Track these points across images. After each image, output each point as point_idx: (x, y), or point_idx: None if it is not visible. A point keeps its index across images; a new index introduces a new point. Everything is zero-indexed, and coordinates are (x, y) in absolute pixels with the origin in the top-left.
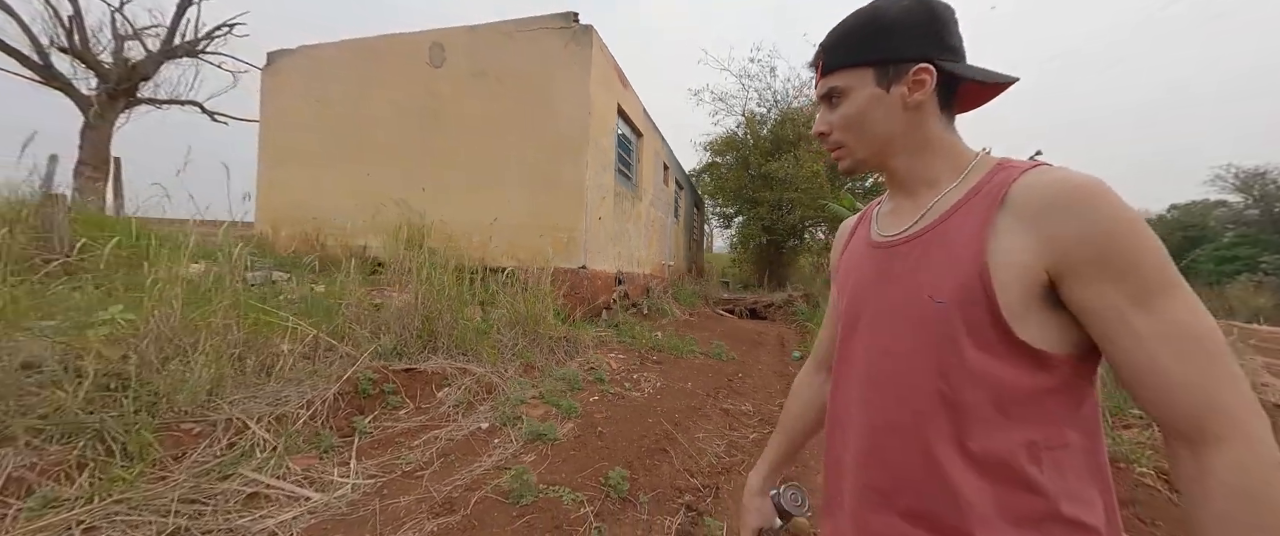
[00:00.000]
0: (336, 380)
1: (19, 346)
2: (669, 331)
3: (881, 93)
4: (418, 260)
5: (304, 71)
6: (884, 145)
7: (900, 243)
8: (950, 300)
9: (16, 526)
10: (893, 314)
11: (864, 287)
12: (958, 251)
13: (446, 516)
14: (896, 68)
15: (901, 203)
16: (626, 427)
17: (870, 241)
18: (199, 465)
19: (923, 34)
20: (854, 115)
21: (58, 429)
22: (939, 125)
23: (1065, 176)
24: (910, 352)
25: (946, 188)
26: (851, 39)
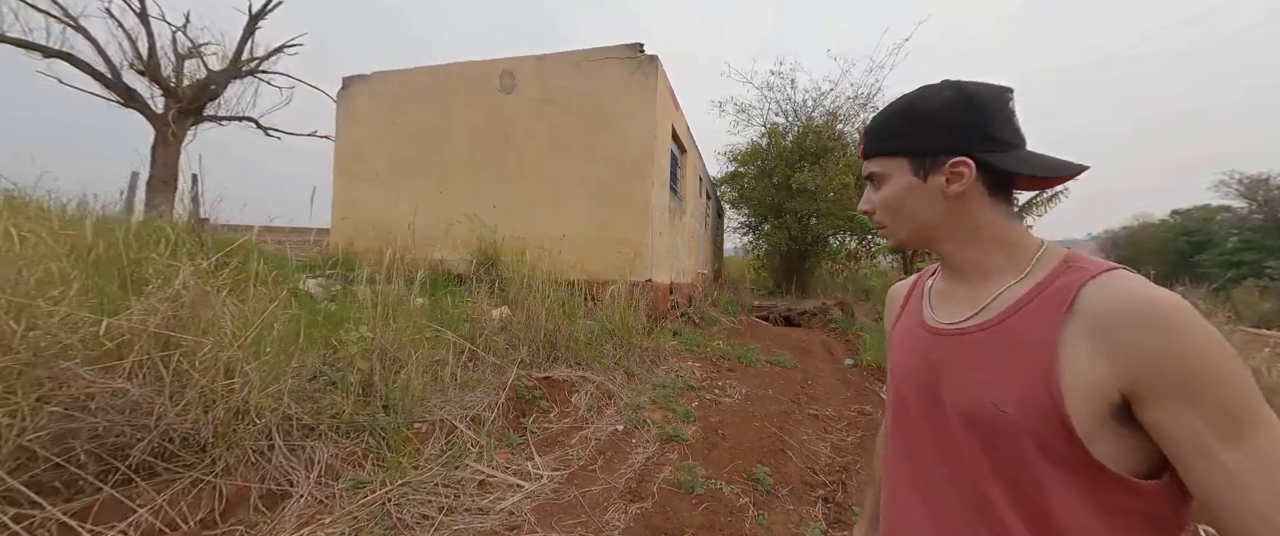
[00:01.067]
0: (500, 387)
1: (303, 360)
2: (723, 339)
3: (918, 182)
4: (526, 274)
5: (377, 95)
6: (925, 231)
7: (955, 334)
8: (1017, 411)
9: (342, 502)
10: (951, 411)
11: (917, 373)
12: (1024, 358)
13: (640, 502)
14: (933, 159)
15: (956, 287)
16: (740, 430)
17: (923, 322)
18: (435, 458)
19: (961, 126)
20: (893, 200)
21: (343, 427)
22: (991, 213)
23: (1143, 292)
24: (973, 457)
25: (1007, 280)
26: (890, 127)
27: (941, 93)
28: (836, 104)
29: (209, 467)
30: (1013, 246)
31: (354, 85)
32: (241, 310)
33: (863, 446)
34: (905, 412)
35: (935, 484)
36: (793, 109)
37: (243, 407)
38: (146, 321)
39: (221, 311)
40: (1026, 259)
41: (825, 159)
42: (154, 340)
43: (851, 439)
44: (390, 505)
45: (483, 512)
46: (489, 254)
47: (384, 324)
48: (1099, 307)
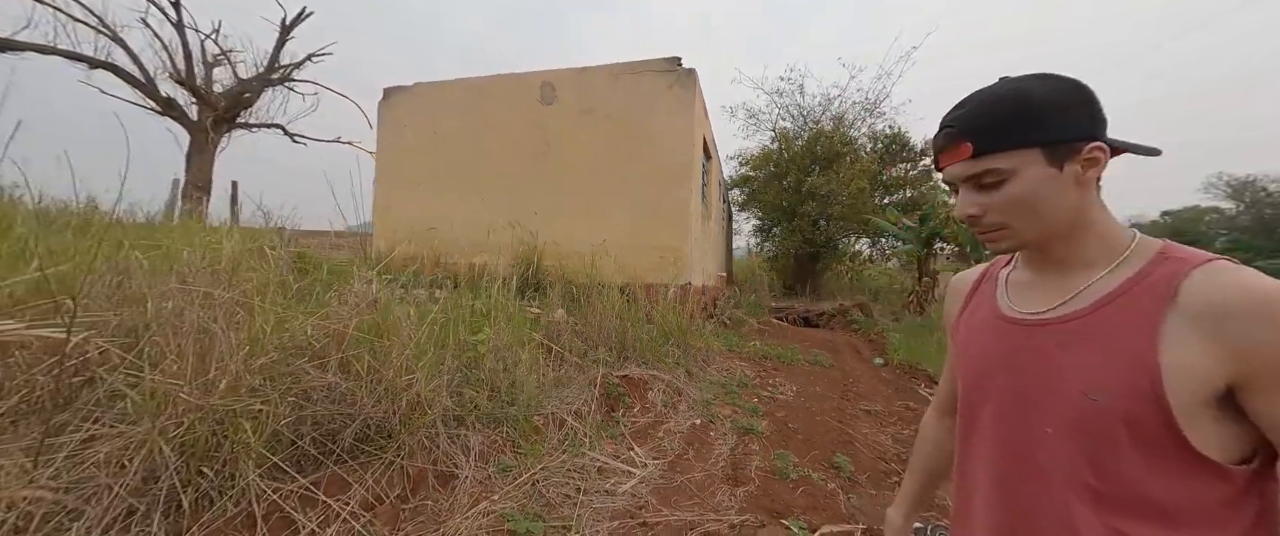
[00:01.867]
0: (590, 384)
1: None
2: (757, 339)
3: (1054, 172)
4: (592, 279)
5: (418, 105)
6: (1056, 225)
7: (1041, 324)
8: (1110, 399)
9: (498, 483)
10: (1033, 401)
11: (993, 364)
12: (1121, 347)
13: (742, 486)
14: (1068, 146)
15: (1041, 277)
16: (807, 424)
17: (1000, 313)
18: (556, 447)
19: (1088, 112)
20: (1024, 197)
21: (484, 418)
22: (1097, 201)
23: (1249, 282)
24: (1057, 445)
25: (1098, 271)
26: (1012, 119)
27: (1046, 81)
28: (842, 109)
29: (396, 452)
30: (1110, 236)
31: (395, 95)
32: (406, 313)
33: None
34: (978, 402)
35: (1017, 472)
36: (801, 114)
37: (417, 400)
38: (345, 324)
39: (400, 315)
40: (1119, 249)
41: (837, 163)
42: (351, 341)
43: (908, 432)
44: (539, 486)
45: (609, 494)
46: (531, 259)
47: (495, 326)
48: (1207, 299)
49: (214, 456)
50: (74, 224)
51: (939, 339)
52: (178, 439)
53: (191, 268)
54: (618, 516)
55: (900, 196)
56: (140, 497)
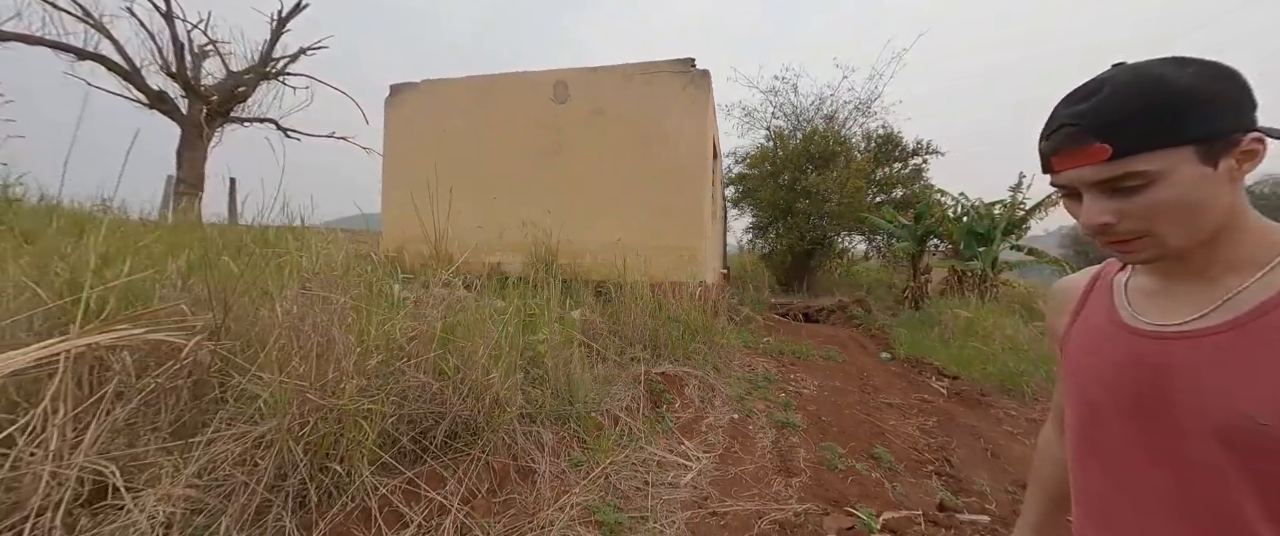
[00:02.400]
0: (635, 381)
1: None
2: (766, 335)
3: (1208, 171)
4: (623, 278)
5: (426, 103)
6: (1206, 228)
7: (1182, 337)
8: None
9: (574, 477)
10: (1174, 429)
11: (1123, 379)
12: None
13: (794, 477)
14: (1223, 141)
15: (1175, 284)
16: (837, 417)
17: (1123, 323)
18: (616, 442)
19: (1240, 102)
20: (1177, 200)
21: (551, 416)
22: (1244, 199)
23: None
24: (1218, 475)
25: (1249, 275)
26: (1159, 113)
27: (1185, 66)
28: (834, 108)
29: (481, 448)
30: (1262, 234)
31: (402, 92)
32: (480, 314)
33: (943, 428)
34: (1102, 423)
35: (1158, 504)
36: (795, 114)
37: (496, 399)
38: (433, 325)
39: (479, 316)
40: (1273, 250)
41: (832, 162)
42: (438, 341)
43: (931, 423)
44: (611, 479)
45: (673, 486)
46: (546, 258)
47: (545, 327)
48: None
49: (333, 454)
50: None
51: (940, 333)
52: (304, 437)
53: (308, 272)
54: (687, 507)
55: (892, 196)
56: (274, 493)
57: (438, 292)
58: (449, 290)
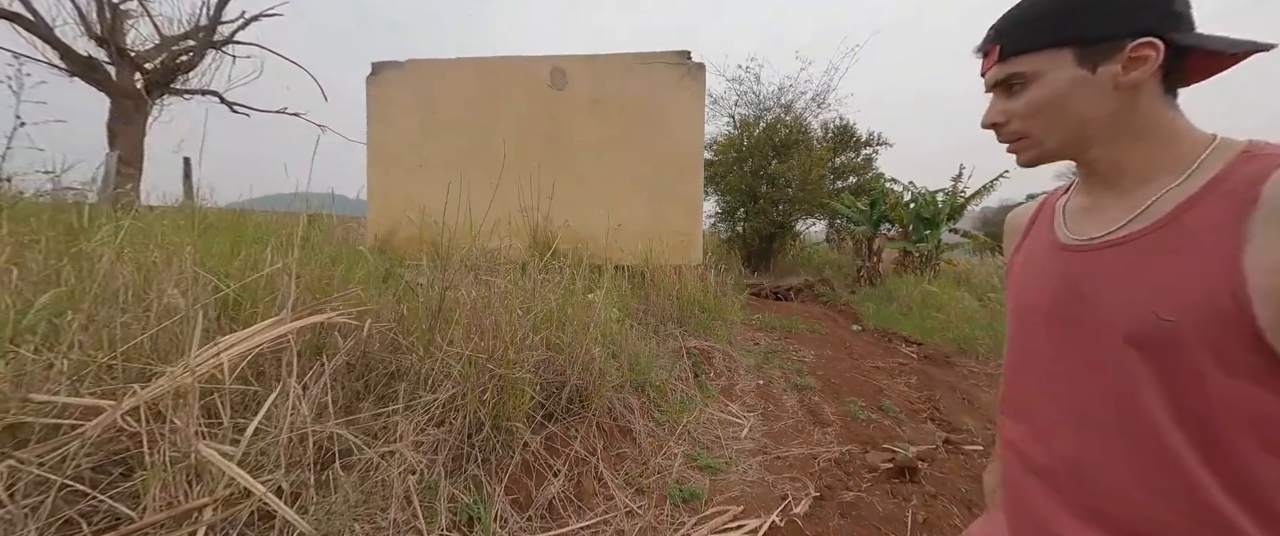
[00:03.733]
0: (676, 354)
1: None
2: (756, 313)
3: (1084, 74)
4: (649, 263)
5: (413, 83)
6: (1083, 134)
7: (1105, 247)
8: (1187, 318)
9: (662, 433)
10: (1106, 328)
11: (1051, 298)
12: (1197, 260)
13: (828, 427)
14: (1108, 44)
15: (1102, 199)
16: (843, 379)
17: (1057, 243)
18: (679, 405)
19: (1134, 6)
20: (1046, 100)
21: (629, 383)
22: (1160, 106)
23: None
24: (1132, 376)
25: (1170, 182)
26: (1044, 15)
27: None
28: (793, 98)
29: (593, 412)
30: (1181, 142)
31: (385, 72)
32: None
33: (924, 384)
34: (1033, 342)
35: (1083, 415)
36: (758, 102)
37: (600, 370)
38: (551, 307)
39: (590, 299)
40: (1192, 156)
41: (794, 151)
42: (556, 320)
43: (914, 380)
44: (693, 433)
45: (736, 438)
46: (546, 243)
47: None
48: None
49: (501, 415)
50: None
51: (898, 307)
52: (488, 402)
53: (467, 260)
54: (754, 453)
55: (847, 182)
56: (467, 446)
57: (536, 276)
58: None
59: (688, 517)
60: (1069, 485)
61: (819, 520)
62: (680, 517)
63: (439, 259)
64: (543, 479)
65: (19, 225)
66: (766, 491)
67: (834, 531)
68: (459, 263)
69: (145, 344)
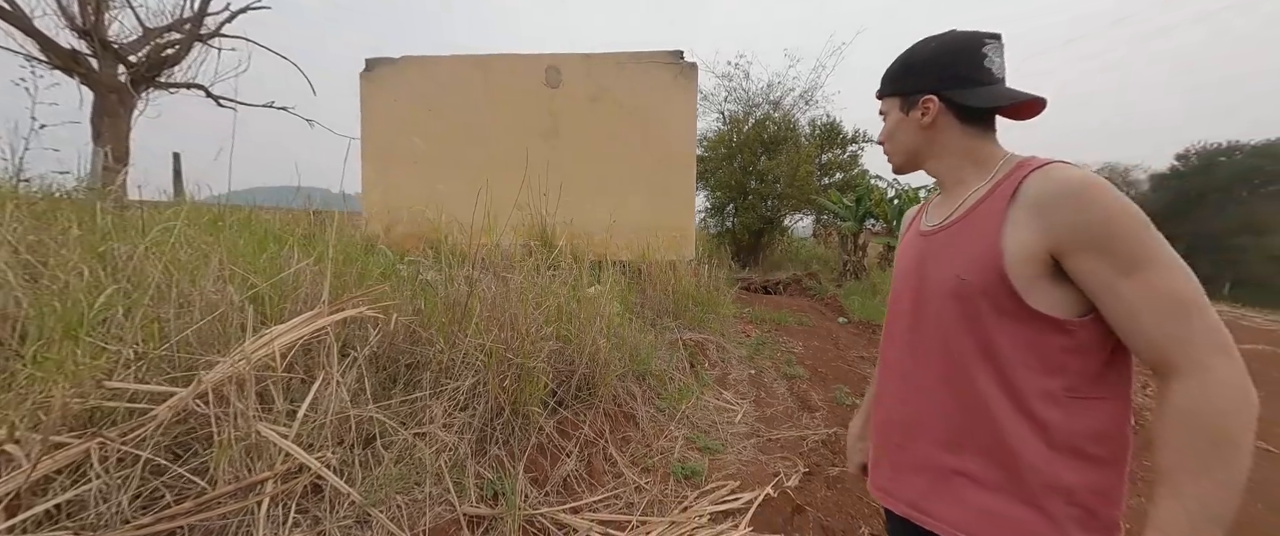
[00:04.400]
0: (673, 346)
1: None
2: (746, 306)
3: (902, 116)
4: (645, 258)
5: (408, 79)
6: (909, 154)
7: (938, 232)
8: (974, 279)
9: (664, 418)
10: (933, 289)
11: (911, 270)
12: (979, 239)
13: (817, 412)
14: (913, 98)
15: (943, 198)
16: (830, 368)
17: (920, 230)
18: (678, 393)
19: (934, 70)
20: (890, 130)
21: (631, 373)
22: (961, 136)
23: (1066, 174)
24: (950, 320)
25: (975, 186)
26: (891, 73)
27: (926, 44)
28: (780, 95)
29: (599, 399)
30: (982, 160)
31: (379, 68)
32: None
33: None
34: (900, 303)
35: (916, 348)
36: (747, 99)
37: (605, 361)
38: (561, 301)
39: (591, 293)
40: (993, 166)
41: (783, 147)
42: (565, 314)
43: None
44: (692, 418)
45: (731, 423)
46: (544, 239)
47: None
48: (1036, 192)
49: (520, 401)
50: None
51: (882, 300)
52: (508, 388)
53: (484, 258)
54: (748, 436)
55: (834, 179)
56: (489, 428)
57: (547, 273)
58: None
59: (690, 492)
60: (904, 390)
61: (809, 492)
62: (683, 492)
63: (443, 256)
64: (557, 459)
65: (47, 221)
66: (760, 469)
67: (821, 501)
68: (477, 260)
69: (191, 338)
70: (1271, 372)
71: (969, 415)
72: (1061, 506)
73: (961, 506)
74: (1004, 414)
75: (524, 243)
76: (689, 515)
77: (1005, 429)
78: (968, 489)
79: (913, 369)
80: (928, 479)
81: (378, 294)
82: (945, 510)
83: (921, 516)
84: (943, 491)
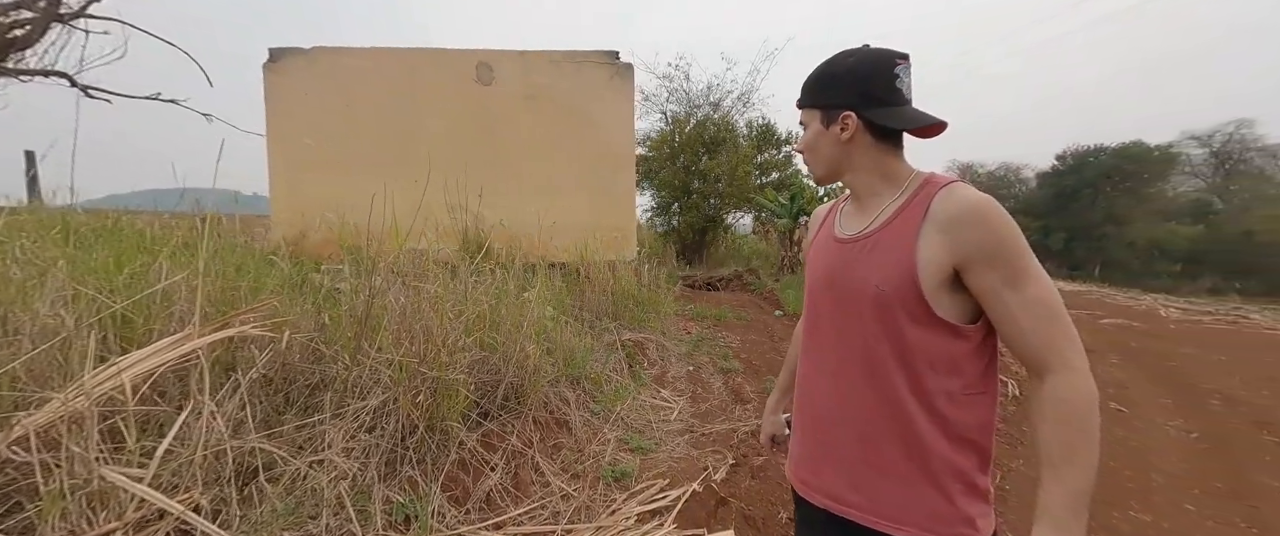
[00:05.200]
0: (613, 346)
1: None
2: (689, 303)
3: (823, 129)
4: (584, 260)
5: (322, 73)
6: (830, 167)
7: (854, 242)
8: (891, 289)
9: (598, 422)
10: (853, 296)
11: (827, 275)
12: (895, 252)
13: (749, 403)
14: (833, 112)
15: (857, 208)
16: (764, 360)
17: (834, 236)
18: (615, 394)
19: (853, 87)
20: (810, 142)
21: (564, 378)
22: (875, 152)
23: (968, 195)
24: (868, 325)
25: (888, 199)
26: (811, 86)
27: (845, 59)
28: (719, 97)
29: (529, 407)
30: (893, 175)
31: (287, 59)
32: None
33: None
34: (816, 306)
35: (839, 351)
36: (688, 100)
37: (535, 368)
38: (485, 307)
39: (528, 297)
40: (903, 183)
41: (722, 148)
42: (489, 322)
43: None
44: (626, 419)
45: (666, 421)
46: (479, 243)
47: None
48: (944, 210)
49: (437, 416)
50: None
51: None
52: (421, 404)
53: (395, 265)
54: (681, 433)
55: (770, 178)
56: (401, 448)
57: (467, 278)
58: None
59: (619, 494)
60: (828, 387)
61: (733, 483)
62: (612, 495)
63: (360, 263)
64: (480, 474)
65: None
66: (691, 464)
67: (745, 492)
68: (386, 268)
69: (19, 370)
70: (1129, 342)
71: (887, 414)
72: (956, 485)
73: (876, 494)
74: (915, 412)
75: (444, 248)
76: (616, 518)
77: (917, 425)
78: (883, 479)
79: (839, 371)
80: (848, 471)
81: (269, 309)
82: (861, 498)
83: (839, 506)
84: (860, 482)
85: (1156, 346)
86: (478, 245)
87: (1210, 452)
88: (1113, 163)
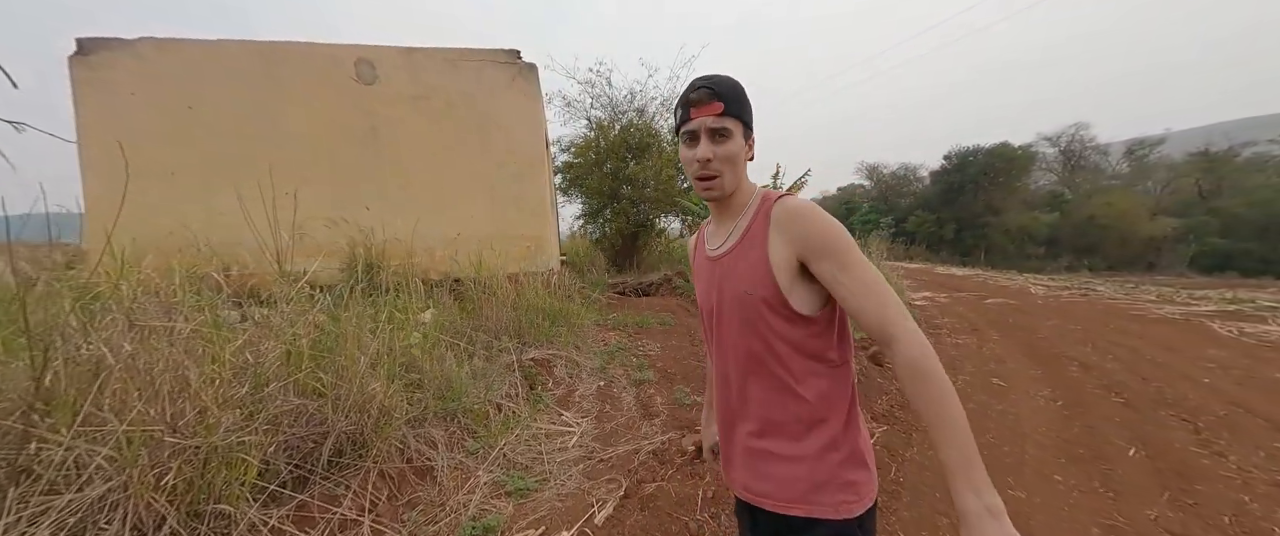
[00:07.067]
0: (509, 370)
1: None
2: (613, 312)
3: (743, 144)
4: (484, 277)
5: (152, 69)
6: (738, 183)
7: (723, 256)
8: (755, 291)
9: (474, 462)
10: (731, 304)
11: (709, 290)
12: (754, 259)
13: (657, 417)
14: (748, 131)
15: (720, 227)
16: (680, 368)
17: (707, 255)
18: (504, 425)
19: (750, 112)
20: (733, 154)
21: (436, 414)
22: (745, 169)
23: (797, 202)
24: (746, 327)
25: (742, 214)
26: (736, 96)
27: (738, 84)
28: (644, 103)
29: (373, 459)
30: (748, 193)
31: (101, 51)
32: (348, 326)
33: None
34: (708, 319)
35: (731, 355)
36: (611, 105)
37: (382, 409)
38: (298, 344)
39: (350, 333)
40: (750, 199)
41: (647, 153)
42: (305, 361)
43: None
44: (511, 455)
45: (562, 449)
46: (369, 260)
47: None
48: (780, 216)
49: (205, 496)
50: None
51: None
52: (168, 485)
53: (121, 301)
54: (578, 462)
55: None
56: None
57: (291, 309)
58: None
59: None
60: (732, 389)
61: (619, 520)
62: None
63: (183, 292)
64: None
65: None
66: (577, 503)
67: (631, 528)
68: (130, 306)
69: None
70: (1008, 319)
71: (773, 402)
72: (835, 455)
73: (772, 479)
74: (792, 397)
75: (304, 269)
76: None
77: (794, 410)
78: (775, 464)
79: (731, 373)
80: (753, 462)
81: None
82: (762, 485)
83: (750, 495)
84: (760, 471)
85: (1027, 321)
86: (367, 264)
87: (1071, 418)
88: (988, 161)
